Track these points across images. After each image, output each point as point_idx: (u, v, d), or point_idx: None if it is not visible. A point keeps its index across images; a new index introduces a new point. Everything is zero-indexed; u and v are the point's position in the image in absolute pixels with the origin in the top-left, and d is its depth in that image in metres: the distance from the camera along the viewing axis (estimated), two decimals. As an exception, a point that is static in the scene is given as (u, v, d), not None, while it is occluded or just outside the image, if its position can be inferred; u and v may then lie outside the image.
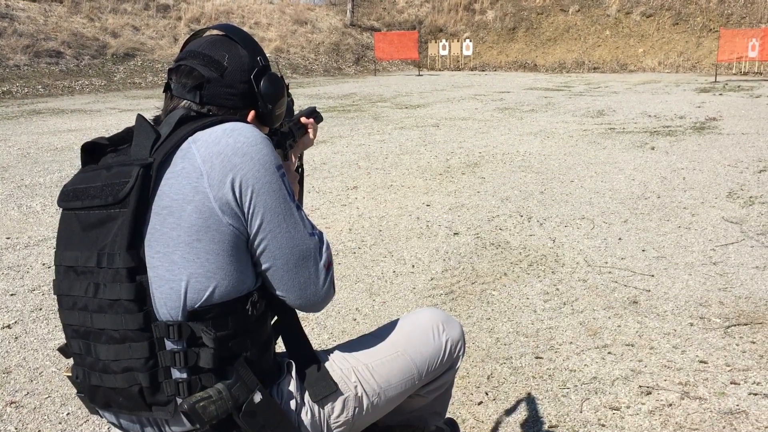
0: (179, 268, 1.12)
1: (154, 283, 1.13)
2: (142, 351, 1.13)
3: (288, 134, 1.57)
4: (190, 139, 1.17)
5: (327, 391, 1.29)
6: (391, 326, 1.48)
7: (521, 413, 2.34)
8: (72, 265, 1.16)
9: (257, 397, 1.17)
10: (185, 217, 1.12)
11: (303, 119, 1.65)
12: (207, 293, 1.13)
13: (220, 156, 1.14)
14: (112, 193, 1.11)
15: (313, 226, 1.25)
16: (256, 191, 1.15)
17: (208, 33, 1.35)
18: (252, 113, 1.31)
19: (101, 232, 1.13)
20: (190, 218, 1.12)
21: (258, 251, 1.19)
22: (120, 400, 1.17)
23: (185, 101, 1.26)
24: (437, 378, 1.50)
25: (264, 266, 1.20)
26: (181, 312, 1.13)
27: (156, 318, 1.13)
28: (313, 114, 1.71)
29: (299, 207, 1.23)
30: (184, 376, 1.14)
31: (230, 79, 1.26)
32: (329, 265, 1.25)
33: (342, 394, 1.32)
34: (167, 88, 1.30)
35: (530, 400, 2.42)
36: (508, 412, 2.36)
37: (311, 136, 1.66)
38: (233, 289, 1.16)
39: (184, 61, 1.27)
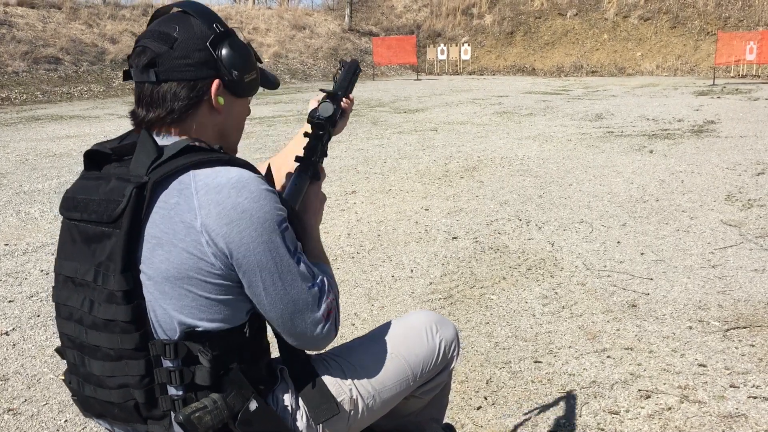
0: (169, 299, 1.11)
1: (150, 305, 1.12)
2: (138, 369, 1.12)
3: (322, 150, 1.48)
4: (191, 173, 1.12)
5: (329, 414, 1.28)
6: (384, 328, 1.48)
7: (520, 418, 2.34)
8: (71, 276, 1.16)
9: (253, 406, 1.17)
10: (175, 255, 1.09)
11: (344, 102, 1.55)
12: (200, 325, 1.12)
13: (218, 206, 1.09)
14: (107, 211, 1.09)
15: (314, 275, 1.20)
16: (251, 250, 1.11)
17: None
18: (216, 82, 1.20)
19: (99, 247, 1.11)
20: (180, 256, 1.09)
21: (252, 301, 1.17)
22: (115, 412, 1.17)
23: (160, 111, 1.18)
24: (432, 378, 1.50)
25: (259, 311, 1.19)
26: (177, 333, 1.12)
27: (153, 336, 1.12)
28: (356, 75, 1.62)
29: (300, 258, 1.18)
30: (180, 393, 1.14)
31: (183, 50, 1.17)
32: (329, 313, 1.21)
33: (338, 399, 1.32)
34: (128, 76, 1.22)
35: (529, 405, 2.41)
36: (507, 416, 2.35)
37: (347, 116, 1.58)
38: (226, 323, 1.15)
39: (137, 44, 1.21)
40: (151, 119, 1.18)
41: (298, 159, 1.43)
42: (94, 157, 1.19)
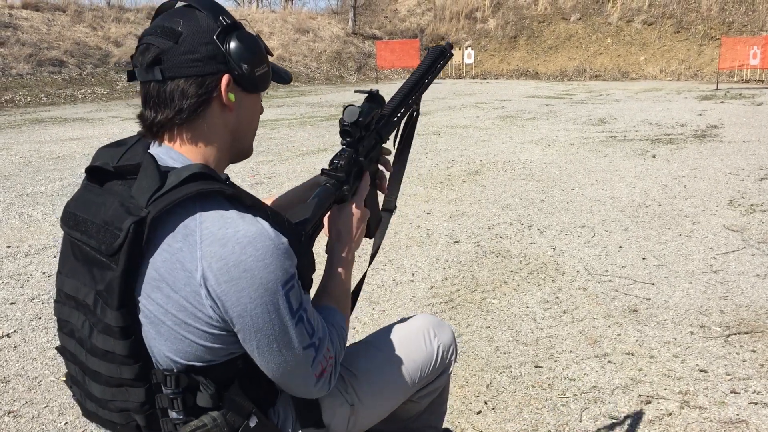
0: (165, 340, 1.09)
1: (146, 341, 1.10)
2: (138, 396, 1.11)
3: (353, 162, 1.36)
4: (198, 216, 1.06)
5: None
6: (383, 333, 1.48)
7: (520, 423, 2.33)
8: (72, 294, 1.14)
9: (253, 422, 1.15)
10: (174, 301, 1.06)
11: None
12: (197, 365, 1.11)
13: (220, 261, 1.04)
14: (105, 241, 1.06)
15: (314, 333, 1.15)
16: (248, 312, 1.06)
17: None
18: (226, 77, 1.13)
19: (98, 273, 1.09)
20: (178, 304, 1.06)
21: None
22: (117, 429, 1.18)
23: (168, 111, 1.12)
24: (430, 383, 1.50)
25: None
26: (175, 368, 1.11)
27: (154, 365, 1.11)
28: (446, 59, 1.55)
29: (301, 317, 1.12)
30: (182, 417, 1.13)
31: (189, 44, 1.10)
32: (322, 372, 1.17)
33: (336, 404, 1.32)
34: (132, 77, 1.15)
35: (529, 410, 2.41)
36: (508, 421, 2.35)
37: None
38: (223, 358, 1.13)
39: (141, 41, 1.15)
40: (160, 121, 1.12)
41: (323, 171, 1.35)
42: (96, 173, 1.15)
